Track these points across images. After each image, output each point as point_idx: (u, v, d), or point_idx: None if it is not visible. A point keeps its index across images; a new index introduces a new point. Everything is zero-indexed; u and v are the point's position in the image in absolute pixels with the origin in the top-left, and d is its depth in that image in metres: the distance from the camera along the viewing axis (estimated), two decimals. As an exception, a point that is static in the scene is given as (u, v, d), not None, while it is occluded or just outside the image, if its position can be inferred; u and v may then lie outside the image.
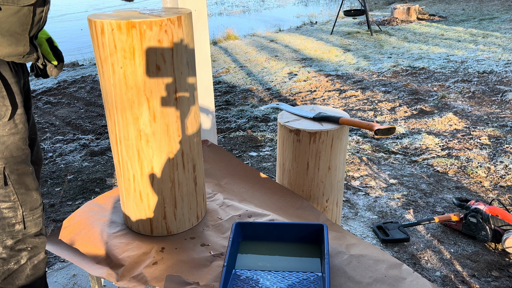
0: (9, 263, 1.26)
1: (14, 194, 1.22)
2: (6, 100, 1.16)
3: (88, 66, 7.17)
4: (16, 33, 1.15)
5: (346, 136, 1.81)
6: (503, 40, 6.69)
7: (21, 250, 1.28)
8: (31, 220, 1.28)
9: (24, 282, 1.30)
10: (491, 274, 2.02)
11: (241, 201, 1.72)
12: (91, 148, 3.77)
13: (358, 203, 2.69)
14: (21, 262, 1.28)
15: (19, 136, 1.21)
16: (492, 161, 3.09)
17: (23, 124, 1.23)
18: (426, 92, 4.70)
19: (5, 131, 1.17)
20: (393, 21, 8.83)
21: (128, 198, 1.47)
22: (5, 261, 1.26)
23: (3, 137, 1.17)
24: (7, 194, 1.21)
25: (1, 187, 1.20)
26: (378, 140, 3.59)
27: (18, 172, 1.22)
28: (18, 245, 1.27)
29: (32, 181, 1.27)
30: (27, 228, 1.27)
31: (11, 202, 1.22)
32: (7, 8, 1.11)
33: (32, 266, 1.31)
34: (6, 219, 1.23)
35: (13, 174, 1.21)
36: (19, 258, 1.28)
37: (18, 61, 1.19)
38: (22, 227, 1.26)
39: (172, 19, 1.23)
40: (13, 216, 1.24)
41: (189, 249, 1.42)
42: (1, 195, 1.21)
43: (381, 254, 1.38)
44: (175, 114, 1.35)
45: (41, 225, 1.32)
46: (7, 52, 1.15)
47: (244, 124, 4.16)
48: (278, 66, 6.25)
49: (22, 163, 1.23)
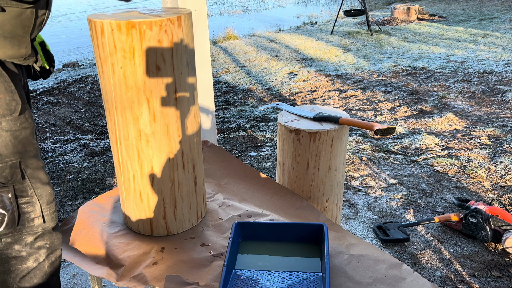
0: (28, 261, 1.26)
1: (31, 188, 1.23)
2: (16, 95, 1.16)
3: (88, 66, 7.17)
4: (18, 36, 1.16)
5: (346, 136, 1.81)
6: (503, 40, 6.69)
7: (40, 247, 1.28)
8: (48, 214, 1.28)
9: (41, 281, 1.30)
10: (491, 274, 2.02)
11: (241, 201, 1.72)
12: (91, 148, 3.77)
13: (358, 203, 2.69)
14: (39, 259, 1.28)
15: (29, 130, 1.22)
16: (492, 161, 3.09)
17: (32, 118, 1.24)
18: (426, 92, 4.70)
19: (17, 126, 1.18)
20: (393, 21, 8.83)
21: (128, 198, 1.47)
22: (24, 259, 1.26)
23: (15, 132, 1.18)
24: (24, 188, 1.22)
25: (19, 181, 1.20)
26: (378, 140, 3.59)
27: (32, 166, 1.23)
28: (37, 241, 1.27)
29: (45, 175, 1.27)
30: (46, 222, 1.28)
31: (28, 197, 1.23)
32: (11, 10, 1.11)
33: (50, 263, 1.31)
34: (25, 214, 1.23)
35: (28, 168, 1.22)
36: (38, 256, 1.28)
37: (19, 62, 1.20)
38: (42, 221, 1.26)
39: (172, 19, 1.23)
40: (32, 210, 1.24)
41: (189, 249, 1.42)
42: (19, 190, 1.21)
43: (381, 254, 1.38)
44: (175, 114, 1.35)
45: (56, 219, 1.32)
46: (9, 54, 1.16)
47: (244, 124, 4.16)
48: (278, 66, 6.25)
49: (35, 157, 1.24)
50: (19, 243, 1.24)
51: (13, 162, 1.18)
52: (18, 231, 1.23)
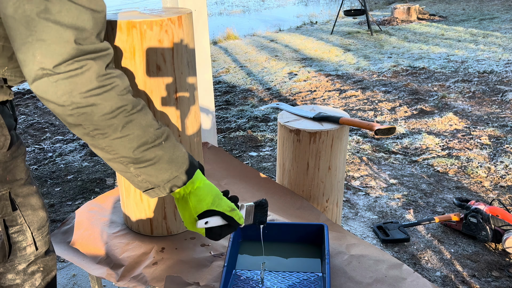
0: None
1: (21, 217, 1.17)
2: (5, 129, 1.07)
3: (88, 66, 7.16)
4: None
5: (346, 136, 1.81)
6: (503, 40, 6.69)
7: (34, 272, 1.24)
8: (40, 239, 1.23)
9: None
10: (491, 274, 2.02)
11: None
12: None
13: (358, 203, 2.69)
14: (35, 284, 1.25)
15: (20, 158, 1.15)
16: (492, 161, 3.09)
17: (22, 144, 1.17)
18: (426, 92, 4.70)
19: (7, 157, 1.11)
20: (393, 21, 8.83)
21: (128, 198, 1.47)
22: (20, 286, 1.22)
23: (5, 164, 1.11)
24: (14, 218, 1.16)
25: (9, 214, 1.14)
26: (378, 140, 3.59)
27: (23, 194, 1.17)
28: (30, 267, 1.23)
29: (37, 200, 1.22)
30: (38, 249, 1.23)
31: (18, 225, 1.17)
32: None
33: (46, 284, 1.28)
34: (16, 243, 1.18)
35: (19, 197, 1.16)
36: (33, 281, 1.24)
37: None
38: (34, 248, 1.21)
39: (173, 19, 1.23)
40: (23, 239, 1.19)
41: (189, 249, 1.41)
42: (8, 220, 1.15)
43: (381, 254, 1.38)
44: (175, 114, 1.35)
45: (49, 242, 1.28)
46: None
47: (244, 124, 4.16)
48: (278, 66, 6.25)
49: (26, 184, 1.18)
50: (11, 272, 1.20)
51: (2, 193, 1.12)
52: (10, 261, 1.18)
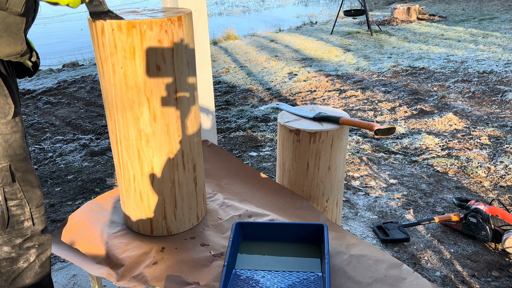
0: (18, 262, 1.28)
1: (20, 191, 1.24)
2: (9, 99, 1.18)
3: (88, 66, 7.17)
4: (13, 33, 1.17)
5: (346, 136, 1.81)
6: (503, 40, 6.69)
7: (29, 247, 1.29)
8: (38, 217, 1.30)
9: (33, 281, 1.31)
10: (491, 274, 2.02)
11: (241, 201, 1.72)
12: (91, 148, 3.77)
13: (358, 203, 2.69)
14: (30, 260, 1.30)
15: (20, 134, 1.23)
16: (492, 161, 3.10)
17: (22, 122, 1.25)
18: (426, 92, 4.70)
19: (8, 129, 1.19)
20: (393, 21, 8.83)
21: (128, 198, 1.47)
22: (15, 260, 1.27)
23: (6, 135, 1.19)
24: (14, 191, 1.23)
25: (9, 184, 1.21)
26: (378, 140, 3.59)
27: (22, 169, 1.24)
28: (26, 243, 1.28)
29: (35, 178, 1.29)
30: (35, 225, 1.29)
31: (18, 200, 1.24)
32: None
33: (40, 264, 1.33)
34: (14, 216, 1.25)
35: (18, 172, 1.23)
36: (28, 256, 1.29)
37: (16, 59, 1.21)
38: (31, 223, 1.28)
39: (173, 19, 1.23)
40: (21, 213, 1.26)
41: (189, 249, 1.42)
42: (8, 193, 1.22)
43: (381, 254, 1.38)
44: (175, 114, 1.35)
45: (45, 222, 1.33)
46: (7, 52, 1.17)
47: (244, 124, 4.16)
48: (278, 66, 6.25)
49: (25, 161, 1.25)
50: (8, 244, 1.26)
51: (3, 165, 1.20)
52: (8, 233, 1.25)
